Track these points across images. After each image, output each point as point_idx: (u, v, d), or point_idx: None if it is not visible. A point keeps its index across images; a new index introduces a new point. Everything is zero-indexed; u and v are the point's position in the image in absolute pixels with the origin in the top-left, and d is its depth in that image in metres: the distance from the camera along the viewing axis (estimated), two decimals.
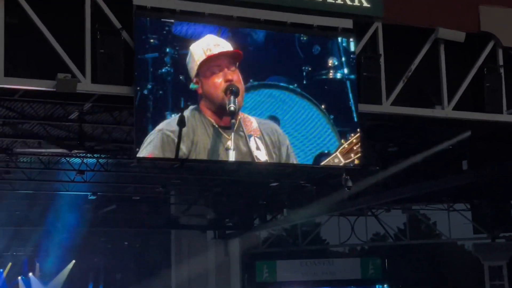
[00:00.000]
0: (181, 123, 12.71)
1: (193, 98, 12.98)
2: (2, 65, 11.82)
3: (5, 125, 19.05)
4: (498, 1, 15.14)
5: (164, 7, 12.96)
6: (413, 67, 14.47)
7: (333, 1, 13.87)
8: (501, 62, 14.99)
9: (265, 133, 13.58)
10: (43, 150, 21.26)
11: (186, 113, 12.84)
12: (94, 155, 21.49)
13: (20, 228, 30.17)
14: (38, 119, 18.34)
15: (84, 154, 21.17)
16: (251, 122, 13.48)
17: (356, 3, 14.03)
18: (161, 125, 12.65)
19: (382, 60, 14.27)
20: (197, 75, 12.95)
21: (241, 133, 13.32)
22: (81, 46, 12.41)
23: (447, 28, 14.55)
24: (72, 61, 12.24)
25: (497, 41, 14.94)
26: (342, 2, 13.93)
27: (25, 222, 29.45)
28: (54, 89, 12.23)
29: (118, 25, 12.60)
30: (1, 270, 32.51)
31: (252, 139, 13.41)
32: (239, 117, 13.29)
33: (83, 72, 12.33)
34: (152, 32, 12.72)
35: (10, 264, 32.46)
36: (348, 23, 14.06)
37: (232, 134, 13.10)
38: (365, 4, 14.06)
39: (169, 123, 12.70)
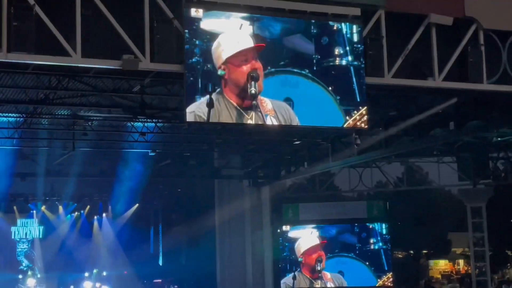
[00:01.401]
0: (210, 104, 12.79)
1: (218, 83, 13.01)
2: (80, 49, 11.96)
3: (82, 96, 19.22)
4: None
5: (207, 0, 12.98)
6: (410, 46, 14.41)
7: None
8: (482, 42, 14.87)
9: (278, 112, 13.62)
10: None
11: (213, 96, 12.87)
12: (153, 120, 21.62)
13: (96, 178, 30.52)
14: (108, 92, 18.46)
15: (145, 119, 21.31)
16: (267, 104, 13.51)
17: None
18: (192, 107, 12.80)
19: (384, 41, 14.21)
20: (225, 63, 12.99)
21: (259, 113, 13.36)
22: (141, 32, 12.52)
23: (437, 14, 14.45)
24: (135, 44, 12.38)
25: (478, 24, 14.80)
26: None
27: (101, 173, 29.83)
28: (121, 67, 12.38)
29: (170, 15, 12.63)
30: (82, 211, 32.92)
31: (268, 117, 13.49)
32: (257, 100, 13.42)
33: (143, 53, 12.47)
34: (185, 27, 12.74)
35: (88, 206, 32.84)
36: (356, 11, 13.98)
37: (253, 113, 13.26)
38: None
39: (199, 105, 12.81)
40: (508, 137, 25.24)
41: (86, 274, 32.19)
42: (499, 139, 25.95)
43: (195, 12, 12.76)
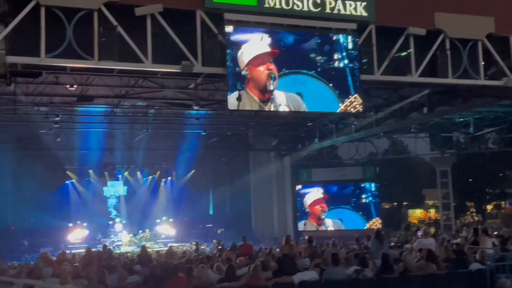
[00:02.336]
0: (239, 98, 12.82)
1: (243, 82, 12.94)
2: (150, 57, 12.01)
3: (153, 92, 19.33)
4: (446, 9, 14.68)
5: (243, 20, 12.90)
6: (393, 51, 14.16)
7: (345, 12, 13.56)
8: (448, 47, 14.56)
9: (289, 102, 13.51)
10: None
11: (240, 92, 12.87)
12: (204, 108, 21.62)
13: (164, 151, 30.77)
14: (171, 88, 18.54)
15: (198, 108, 21.34)
16: (280, 96, 13.39)
17: (358, 13, 13.68)
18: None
19: (374, 48, 13.99)
20: (247, 65, 12.90)
21: (274, 104, 13.30)
22: (194, 44, 12.48)
23: (414, 26, 14.22)
24: (190, 53, 12.36)
25: (445, 34, 14.50)
26: (349, 13, 13.60)
27: (167, 147, 30.02)
28: (180, 70, 12.37)
29: (215, 31, 12.57)
30: (154, 176, 33.23)
31: (281, 107, 13.46)
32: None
33: (196, 60, 12.45)
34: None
35: (158, 172, 33.13)
36: (353, 26, 13.79)
37: (270, 104, 13.24)
38: (364, 13, 13.71)
39: (229, 99, 12.89)
40: (467, 118, 24.95)
41: (158, 221, 32.60)
42: (461, 119, 25.66)
43: (227, 28, 12.69)
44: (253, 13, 12.93)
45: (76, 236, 29.95)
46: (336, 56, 13.87)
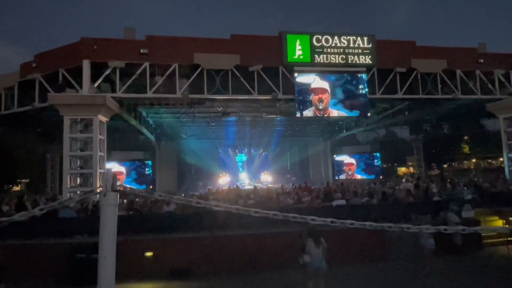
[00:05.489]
0: (301, 115, 12.71)
1: (309, 105, 12.71)
2: (256, 91, 12.17)
3: (258, 109, 19.27)
4: (418, 57, 13.55)
5: (303, 69, 12.73)
6: (387, 81, 13.34)
7: (359, 62, 12.97)
8: (419, 77, 13.50)
9: (337, 114, 13.02)
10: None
11: (304, 112, 12.62)
12: (284, 116, 21.21)
13: (264, 138, 30.70)
14: (266, 107, 18.32)
15: (281, 116, 21.07)
16: (334, 112, 13.00)
17: (367, 62, 13.05)
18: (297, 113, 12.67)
19: (376, 82, 13.24)
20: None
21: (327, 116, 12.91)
22: (278, 83, 12.43)
23: (399, 67, 13.25)
24: (276, 88, 12.34)
25: (417, 70, 13.45)
26: (362, 62, 13.01)
27: (266, 136, 29.66)
28: (271, 98, 12.47)
29: (289, 76, 12.49)
30: (258, 151, 33.17)
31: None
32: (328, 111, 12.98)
33: (279, 91, 12.44)
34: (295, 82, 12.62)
35: (261, 149, 32.79)
36: (363, 69, 13.14)
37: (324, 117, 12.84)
38: (370, 62, 13.07)
39: (296, 114, 12.66)
40: (431, 116, 22.77)
41: (262, 173, 32.64)
42: (427, 117, 23.45)
43: (295, 74, 12.61)
44: (309, 65, 12.78)
45: (223, 180, 31.24)
46: (360, 87, 13.30)
